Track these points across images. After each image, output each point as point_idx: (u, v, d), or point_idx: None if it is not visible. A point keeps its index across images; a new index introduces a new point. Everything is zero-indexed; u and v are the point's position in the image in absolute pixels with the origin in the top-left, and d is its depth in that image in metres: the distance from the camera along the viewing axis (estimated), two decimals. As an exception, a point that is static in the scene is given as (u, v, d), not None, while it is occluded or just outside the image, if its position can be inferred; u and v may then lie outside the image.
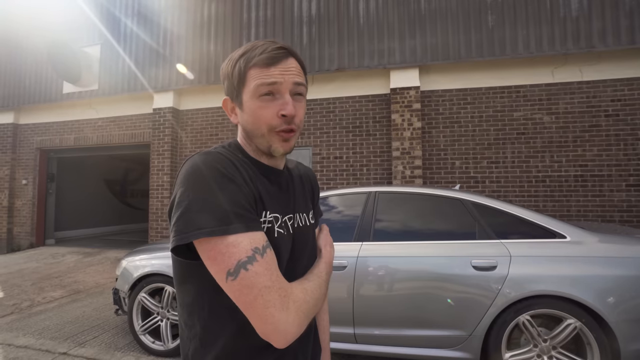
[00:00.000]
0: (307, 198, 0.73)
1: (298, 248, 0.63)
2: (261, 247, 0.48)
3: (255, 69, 0.56)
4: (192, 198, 0.48)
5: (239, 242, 0.47)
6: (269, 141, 0.58)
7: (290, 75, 0.57)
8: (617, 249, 1.93)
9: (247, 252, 0.47)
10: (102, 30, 6.01)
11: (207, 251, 0.48)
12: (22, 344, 2.65)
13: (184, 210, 0.48)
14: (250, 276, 0.46)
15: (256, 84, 0.56)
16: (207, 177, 0.50)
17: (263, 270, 0.47)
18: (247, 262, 0.46)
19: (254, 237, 0.49)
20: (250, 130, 0.59)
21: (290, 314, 0.47)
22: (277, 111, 0.56)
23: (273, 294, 0.46)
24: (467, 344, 1.93)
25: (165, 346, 2.45)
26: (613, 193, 4.06)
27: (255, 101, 0.57)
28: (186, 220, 0.48)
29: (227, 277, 0.46)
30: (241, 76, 0.57)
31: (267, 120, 0.57)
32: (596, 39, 4.07)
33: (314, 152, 5.03)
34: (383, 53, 4.69)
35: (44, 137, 6.62)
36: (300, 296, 0.50)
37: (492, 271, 1.93)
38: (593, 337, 1.79)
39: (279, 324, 0.46)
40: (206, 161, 0.52)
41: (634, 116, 4.07)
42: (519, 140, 4.35)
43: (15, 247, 6.57)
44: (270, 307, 0.46)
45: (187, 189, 0.49)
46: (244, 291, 0.46)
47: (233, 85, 0.59)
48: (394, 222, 2.36)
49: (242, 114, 0.60)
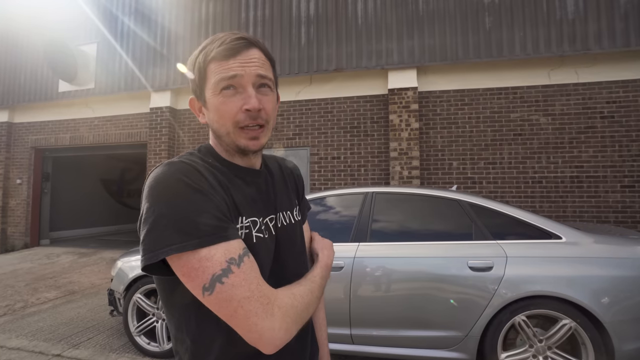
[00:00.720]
0: (290, 194, 0.71)
1: (283, 248, 0.61)
2: (237, 257, 0.46)
3: (214, 63, 0.53)
4: (158, 213, 0.46)
5: (212, 255, 0.45)
6: (234, 140, 0.55)
7: (253, 67, 0.54)
8: (612, 250, 1.94)
9: (222, 265, 0.45)
10: (99, 28, 5.97)
11: (180, 268, 0.46)
12: (14, 346, 2.61)
13: (151, 227, 0.46)
14: (227, 289, 0.44)
15: (216, 79, 0.53)
16: (171, 190, 0.47)
17: (240, 281, 0.45)
18: (222, 275, 0.44)
19: (228, 247, 0.46)
20: (217, 128, 0.56)
21: (276, 320, 0.46)
22: (241, 106, 0.53)
23: (254, 303, 0.45)
24: (463, 345, 1.93)
25: (161, 347, 2.44)
26: (608, 194, 4.10)
27: (217, 97, 0.54)
28: (154, 238, 0.45)
29: (204, 292, 0.45)
30: (201, 72, 0.55)
31: (231, 116, 0.54)
32: (592, 41, 4.10)
33: (311, 152, 5.02)
34: (381, 54, 4.69)
35: (39, 136, 6.56)
36: (286, 301, 0.49)
37: (488, 272, 1.93)
38: (588, 337, 1.80)
39: (264, 332, 0.45)
40: (168, 173, 0.48)
41: (628, 118, 4.11)
42: (516, 141, 4.37)
43: (9, 247, 6.50)
44: (252, 316, 0.44)
45: (151, 204, 0.47)
46: (222, 305, 0.44)
47: (196, 83, 0.56)
48: (391, 223, 2.36)
49: (208, 113, 0.57)
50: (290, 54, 5.02)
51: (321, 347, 0.76)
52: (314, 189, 4.92)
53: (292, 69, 4.98)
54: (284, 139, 5.14)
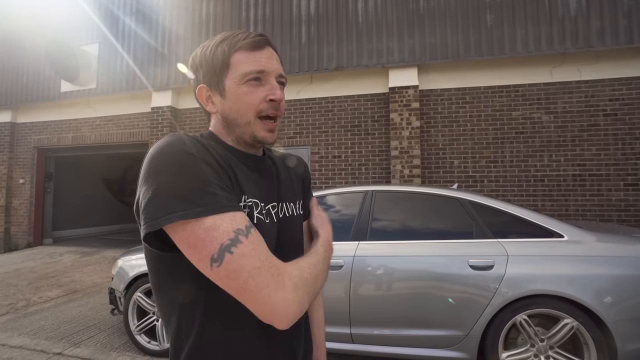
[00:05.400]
0: (295, 187, 0.70)
1: (284, 239, 0.60)
2: (244, 228, 0.45)
3: (241, 53, 0.56)
4: (161, 181, 0.44)
5: (218, 225, 0.43)
6: (253, 130, 0.57)
7: (277, 65, 0.58)
8: (614, 249, 1.92)
9: (229, 235, 0.43)
10: (101, 28, 5.99)
11: (185, 239, 0.43)
12: (16, 344, 2.63)
13: (152, 195, 0.44)
14: (237, 259, 0.42)
15: (245, 69, 0.55)
16: (175, 158, 0.45)
17: (249, 250, 0.43)
18: (231, 244, 0.42)
19: (234, 217, 0.45)
20: (234, 118, 0.57)
21: (288, 292, 0.44)
22: (265, 96, 0.56)
23: (264, 274, 0.43)
24: (464, 344, 1.92)
25: (161, 346, 2.44)
26: (611, 192, 4.06)
27: (241, 87, 0.55)
28: (156, 206, 0.43)
29: (212, 264, 0.42)
30: (225, 61, 0.56)
31: (255, 105, 0.56)
32: (594, 39, 4.06)
33: (312, 151, 5.01)
34: (382, 52, 4.67)
35: (41, 136, 6.59)
36: (295, 273, 0.47)
37: (489, 270, 1.92)
38: (590, 337, 1.78)
39: (278, 304, 0.43)
40: (171, 143, 0.47)
41: (632, 115, 4.07)
42: (518, 139, 4.34)
43: (12, 246, 6.55)
44: (264, 288, 0.42)
45: (154, 173, 0.45)
46: (232, 276, 0.42)
47: (214, 72, 0.56)
48: (391, 222, 2.35)
49: (224, 102, 0.57)
50: (291, 52, 5.01)
51: (319, 348, 0.73)
52: (315, 187, 4.91)
53: (293, 68, 4.98)
54: (285, 137, 5.14)
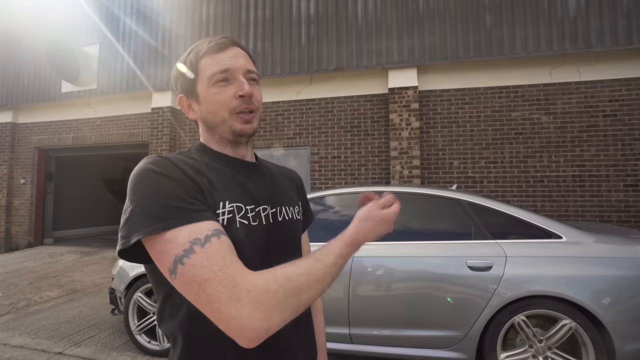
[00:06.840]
0: (291, 192, 0.72)
1: (276, 242, 0.60)
2: (203, 237, 0.44)
3: (206, 58, 0.59)
4: (134, 203, 0.47)
5: (175, 237, 0.44)
6: (230, 125, 0.59)
7: (242, 61, 0.60)
8: (613, 250, 1.92)
9: (184, 245, 0.43)
10: (101, 29, 6.00)
11: (152, 253, 0.46)
12: (17, 344, 2.64)
13: (127, 216, 0.47)
14: (187, 270, 0.42)
15: (210, 72, 0.58)
16: (142, 179, 0.49)
17: (201, 261, 0.42)
18: (184, 255, 0.42)
19: (194, 228, 0.45)
20: (211, 120, 0.60)
21: (244, 306, 0.40)
22: (234, 93, 0.58)
23: (215, 287, 0.40)
24: (462, 345, 1.93)
25: (161, 346, 2.45)
26: (611, 193, 4.06)
27: (211, 89, 0.58)
28: (128, 225, 0.46)
29: (170, 275, 0.43)
30: (193, 69, 0.60)
31: (226, 103, 0.58)
32: (594, 39, 4.07)
33: (312, 151, 5.02)
34: (381, 53, 4.68)
35: (42, 136, 6.61)
36: (260, 284, 0.42)
37: (487, 271, 1.92)
38: (588, 338, 1.78)
39: (230, 320, 0.40)
40: (140, 165, 0.51)
41: (631, 116, 4.07)
42: (517, 140, 4.35)
43: (13, 246, 6.56)
44: (215, 302, 0.40)
45: (129, 196, 0.49)
46: (186, 288, 0.42)
47: (187, 80, 0.61)
48: (390, 222, 2.35)
49: (201, 107, 0.61)
50: (291, 53, 5.02)
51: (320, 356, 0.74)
52: (315, 188, 4.92)
53: (292, 69, 4.99)
54: (284, 138, 5.15)
